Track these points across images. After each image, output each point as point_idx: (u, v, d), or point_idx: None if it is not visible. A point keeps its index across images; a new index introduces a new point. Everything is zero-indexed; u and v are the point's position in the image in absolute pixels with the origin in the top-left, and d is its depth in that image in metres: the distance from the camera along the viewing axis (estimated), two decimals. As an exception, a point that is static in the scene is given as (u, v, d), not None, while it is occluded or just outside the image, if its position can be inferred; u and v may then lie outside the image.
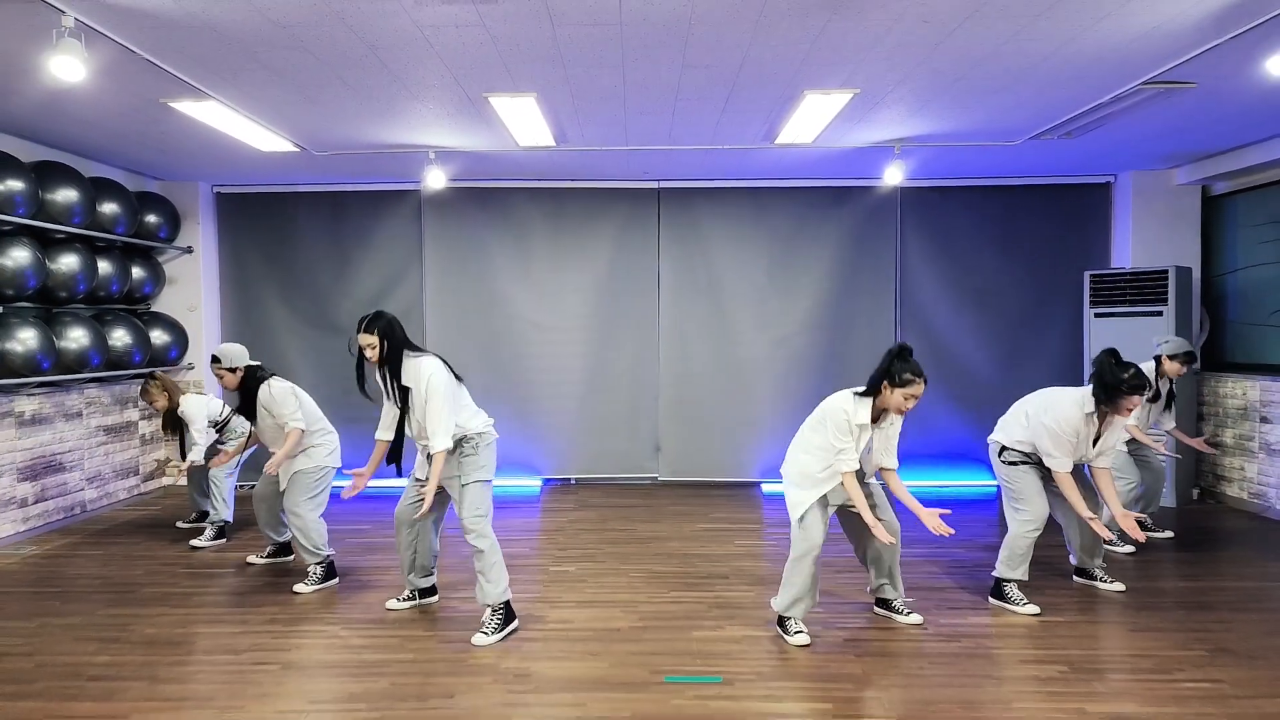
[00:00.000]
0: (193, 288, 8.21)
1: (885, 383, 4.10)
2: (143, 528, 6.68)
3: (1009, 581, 4.74)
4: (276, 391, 5.23)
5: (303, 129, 6.16)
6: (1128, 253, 7.95)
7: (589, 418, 8.45)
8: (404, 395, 4.35)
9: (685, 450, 8.47)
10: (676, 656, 4.05)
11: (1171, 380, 6.09)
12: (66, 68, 3.92)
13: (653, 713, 3.48)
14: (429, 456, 4.34)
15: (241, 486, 7.97)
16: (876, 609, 4.63)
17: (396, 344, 4.35)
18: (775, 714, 3.46)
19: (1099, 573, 5.08)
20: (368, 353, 4.35)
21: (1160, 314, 7.19)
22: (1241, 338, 7.46)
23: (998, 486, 5.04)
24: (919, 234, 8.29)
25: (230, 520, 6.31)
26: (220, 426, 6.32)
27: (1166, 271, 7.21)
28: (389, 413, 4.48)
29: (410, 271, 8.43)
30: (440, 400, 4.25)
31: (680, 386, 8.43)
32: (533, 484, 8.49)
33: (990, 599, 4.81)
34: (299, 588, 5.09)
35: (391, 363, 4.34)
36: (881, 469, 4.32)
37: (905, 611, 4.51)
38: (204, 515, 6.50)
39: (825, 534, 4.20)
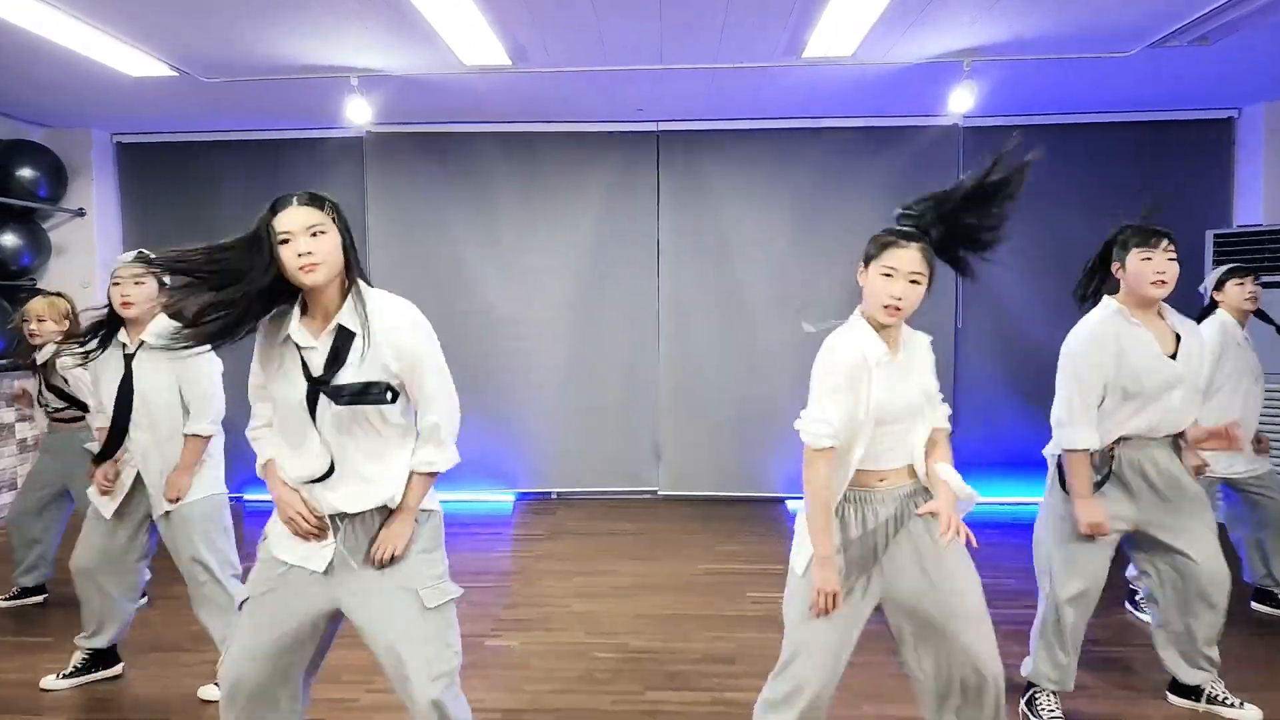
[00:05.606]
0: (86, 259, 6.70)
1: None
2: None
3: (1041, 691, 3.21)
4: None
5: (176, 44, 4.61)
6: (1258, 205, 6.27)
7: (573, 417, 6.88)
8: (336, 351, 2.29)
9: (691, 457, 6.89)
10: None
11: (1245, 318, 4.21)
12: None
13: None
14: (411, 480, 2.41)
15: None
16: None
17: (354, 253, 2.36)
18: None
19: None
20: (307, 247, 2.22)
21: (1308, 283, 5.48)
22: None
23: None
24: (986, 186, 6.59)
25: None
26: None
27: (1318, 228, 5.51)
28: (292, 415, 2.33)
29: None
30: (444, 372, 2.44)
31: (684, 378, 6.84)
32: (505, 499, 6.92)
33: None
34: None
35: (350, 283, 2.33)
36: None
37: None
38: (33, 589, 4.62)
39: None
